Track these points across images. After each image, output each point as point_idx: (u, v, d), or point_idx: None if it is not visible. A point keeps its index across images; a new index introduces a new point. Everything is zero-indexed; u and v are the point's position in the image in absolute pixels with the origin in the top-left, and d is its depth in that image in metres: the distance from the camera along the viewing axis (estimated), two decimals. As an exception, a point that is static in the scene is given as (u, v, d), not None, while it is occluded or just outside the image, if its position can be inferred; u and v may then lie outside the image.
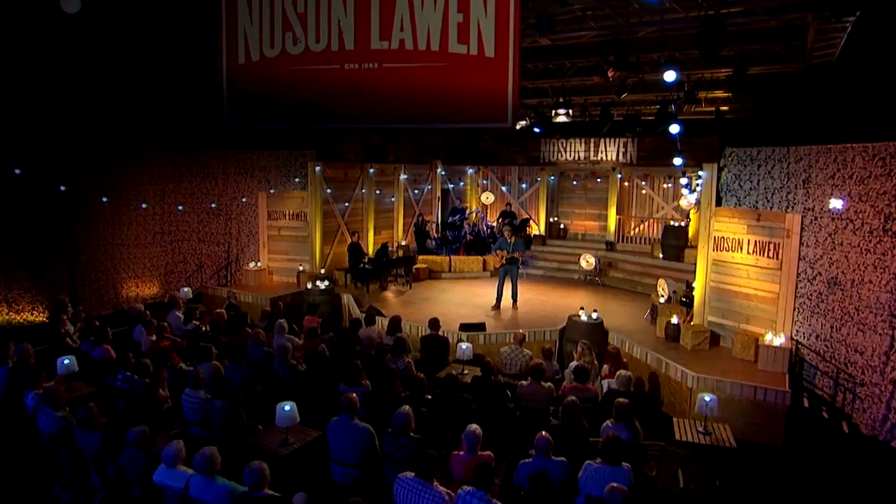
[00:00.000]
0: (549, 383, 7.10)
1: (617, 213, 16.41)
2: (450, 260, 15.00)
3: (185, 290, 12.58)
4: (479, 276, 15.02)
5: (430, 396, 6.76)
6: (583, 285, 14.43)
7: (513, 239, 11.46)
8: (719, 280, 9.92)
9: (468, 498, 4.54)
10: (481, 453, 5.34)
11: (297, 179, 13.67)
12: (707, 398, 6.42)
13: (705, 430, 6.43)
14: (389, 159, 15.20)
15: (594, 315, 10.20)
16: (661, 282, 11.56)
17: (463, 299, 12.51)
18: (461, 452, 5.30)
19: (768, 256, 9.10)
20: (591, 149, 15.79)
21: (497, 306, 11.48)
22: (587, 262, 14.58)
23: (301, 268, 13.55)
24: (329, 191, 13.84)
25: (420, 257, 14.87)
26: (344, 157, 14.19)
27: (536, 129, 14.68)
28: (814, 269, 8.44)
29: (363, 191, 14.80)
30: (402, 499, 4.61)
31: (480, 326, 10.21)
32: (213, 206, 14.18)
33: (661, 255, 14.31)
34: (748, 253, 9.41)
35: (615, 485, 4.47)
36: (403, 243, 15.58)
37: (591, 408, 6.92)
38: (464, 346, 8.05)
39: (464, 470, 5.21)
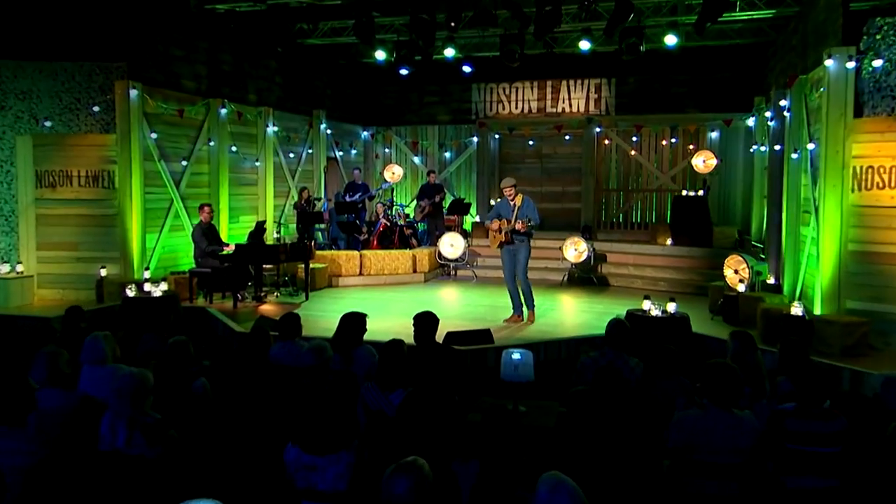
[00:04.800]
0: (746, 410, 4.33)
1: (596, 188, 15.02)
2: (360, 258, 12.55)
3: None
4: (407, 280, 12.71)
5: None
6: (571, 287, 12.48)
7: (519, 200, 9.03)
8: (865, 240, 7.89)
9: None
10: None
11: (94, 109, 10.27)
12: None
13: None
14: (250, 99, 13.02)
15: (671, 307, 7.83)
16: (736, 260, 9.69)
17: (404, 310, 9.90)
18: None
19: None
20: (548, 96, 15.58)
21: (518, 314, 9.42)
22: (577, 251, 12.49)
23: (103, 271, 10.14)
24: (154, 135, 10.71)
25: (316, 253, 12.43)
26: (178, 81, 11.40)
27: (465, 68, 13.53)
28: None
29: (210, 143, 11.91)
30: None
31: (483, 336, 7.65)
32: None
33: (669, 241, 12.79)
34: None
35: None
36: (276, 234, 12.77)
37: (836, 454, 4.22)
38: (516, 355, 5.09)
39: None
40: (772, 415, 4.56)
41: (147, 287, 9.10)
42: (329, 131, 15.09)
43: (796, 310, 7.82)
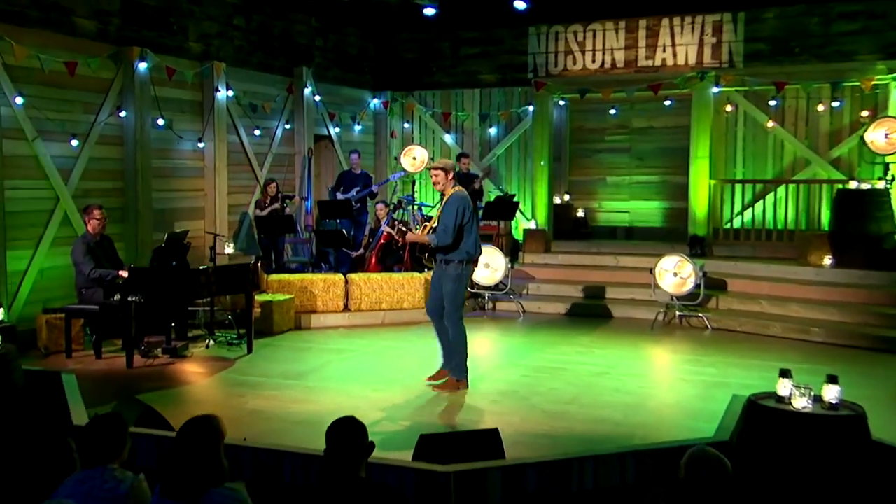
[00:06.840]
0: None
1: (711, 177, 14.09)
2: (346, 283, 11.67)
3: None
4: (417, 318, 11.36)
5: None
6: (668, 333, 11.35)
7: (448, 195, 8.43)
8: None
9: None
10: None
11: (-83, 60, 9.50)
12: None
13: None
14: (190, 49, 12.48)
15: (831, 394, 5.77)
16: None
17: (400, 373, 9.15)
18: None
19: None
20: (641, 42, 15.37)
21: (447, 369, 8.66)
22: (679, 277, 11.25)
23: (-59, 309, 9.37)
24: (19, 101, 9.95)
25: (272, 278, 11.84)
26: (67, 20, 10.91)
27: (518, 4, 13.21)
28: None
29: (122, 114, 11.22)
30: None
31: (486, 442, 6.17)
32: None
33: (828, 261, 11.86)
34: None
35: None
36: (230, 249, 12.14)
37: None
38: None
39: None
40: None
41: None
42: (319, 98, 14.61)
43: None
